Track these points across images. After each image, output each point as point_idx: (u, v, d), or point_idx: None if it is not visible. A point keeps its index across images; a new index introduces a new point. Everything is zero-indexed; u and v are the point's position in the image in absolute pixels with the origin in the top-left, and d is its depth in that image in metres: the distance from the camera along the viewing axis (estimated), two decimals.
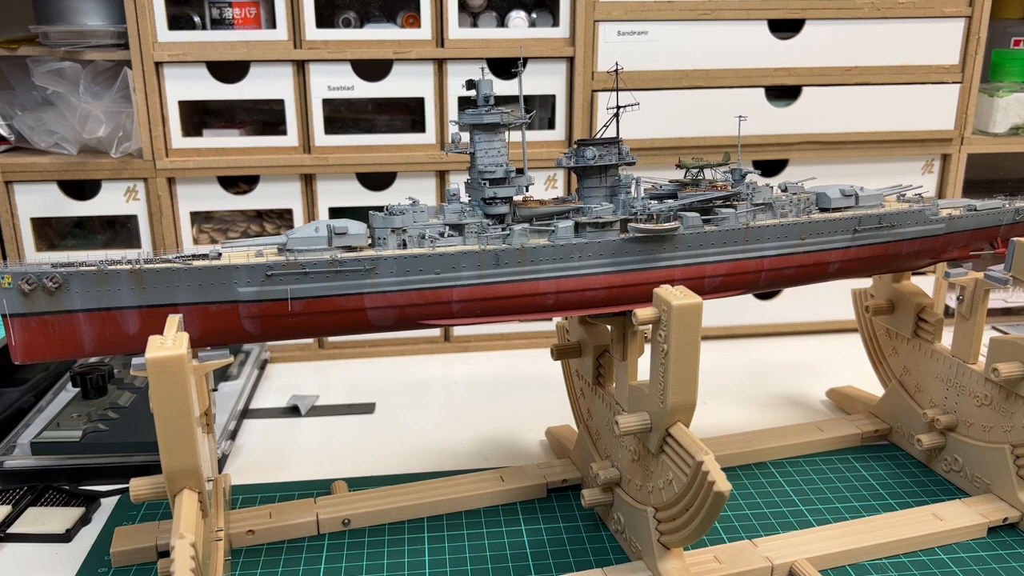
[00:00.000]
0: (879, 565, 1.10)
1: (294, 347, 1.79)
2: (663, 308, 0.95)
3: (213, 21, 1.64)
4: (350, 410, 1.57)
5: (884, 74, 1.77)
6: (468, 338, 1.84)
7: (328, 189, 1.71)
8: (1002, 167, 2.10)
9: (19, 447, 1.32)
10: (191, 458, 0.88)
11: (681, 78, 1.71)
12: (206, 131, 1.71)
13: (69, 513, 1.21)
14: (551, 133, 1.75)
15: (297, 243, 1.03)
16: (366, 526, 1.18)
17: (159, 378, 0.85)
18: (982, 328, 1.24)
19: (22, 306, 0.98)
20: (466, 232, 1.08)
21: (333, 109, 1.75)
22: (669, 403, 0.97)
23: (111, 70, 1.64)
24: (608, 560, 1.10)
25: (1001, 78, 1.89)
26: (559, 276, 1.09)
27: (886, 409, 1.42)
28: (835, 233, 1.20)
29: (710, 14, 1.68)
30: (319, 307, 1.04)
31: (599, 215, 1.10)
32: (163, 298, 1.00)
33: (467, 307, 1.08)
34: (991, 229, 1.32)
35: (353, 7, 1.72)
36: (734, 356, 1.81)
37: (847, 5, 1.71)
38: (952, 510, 1.18)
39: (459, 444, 1.44)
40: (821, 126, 1.78)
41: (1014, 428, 1.17)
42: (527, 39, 1.67)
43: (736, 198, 1.18)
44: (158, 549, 1.11)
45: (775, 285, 1.23)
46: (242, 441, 1.45)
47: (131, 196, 1.67)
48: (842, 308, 1.61)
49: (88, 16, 1.63)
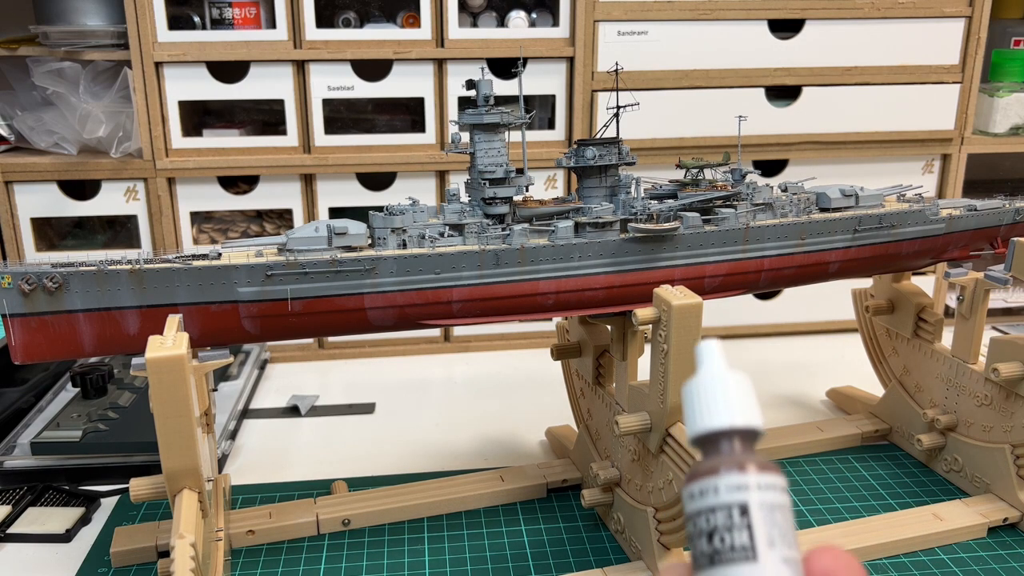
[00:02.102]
0: (879, 565, 1.10)
1: (294, 347, 1.79)
2: (663, 308, 0.95)
3: (213, 21, 1.64)
4: (350, 410, 1.57)
5: (884, 74, 1.77)
6: (468, 338, 1.83)
7: (328, 189, 1.71)
8: (1002, 167, 2.10)
9: (19, 447, 1.32)
10: (191, 458, 0.88)
11: (681, 78, 1.71)
12: (206, 131, 1.71)
13: (69, 513, 1.21)
14: (551, 133, 1.75)
15: (297, 243, 1.03)
16: (366, 526, 1.18)
17: (159, 378, 0.85)
18: (982, 328, 1.24)
19: (22, 306, 0.98)
20: (466, 232, 1.08)
21: (333, 109, 1.75)
22: (669, 403, 0.97)
23: (111, 70, 1.64)
24: (608, 560, 1.10)
25: (1001, 78, 1.89)
26: (559, 276, 1.09)
27: (886, 409, 1.42)
28: (835, 233, 1.20)
29: (710, 14, 1.68)
30: (319, 307, 1.04)
31: (599, 215, 1.10)
32: (163, 298, 1.00)
33: (467, 307, 1.08)
34: (991, 229, 1.32)
35: (353, 7, 1.72)
36: (734, 356, 1.79)
37: (847, 5, 1.71)
38: (952, 510, 1.18)
39: (459, 444, 1.44)
40: (821, 126, 1.78)
41: (1014, 428, 1.17)
42: (527, 39, 1.67)
43: (736, 198, 1.18)
44: (158, 549, 1.11)
45: (775, 285, 1.23)
46: (242, 441, 1.45)
47: (131, 196, 1.67)
48: (842, 308, 1.61)
49: (88, 16, 1.62)
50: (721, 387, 0.41)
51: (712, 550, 0.37)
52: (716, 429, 0.40)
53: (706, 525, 0.38)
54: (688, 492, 0.39)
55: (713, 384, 0.41)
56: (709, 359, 0.43)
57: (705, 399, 0.41)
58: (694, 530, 0.39)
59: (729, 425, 0.40)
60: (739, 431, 0.41)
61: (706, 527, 0.38)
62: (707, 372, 0.42)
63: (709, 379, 0.42)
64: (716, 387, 0.41)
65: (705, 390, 0.41)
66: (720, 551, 0.37)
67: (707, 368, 0.42)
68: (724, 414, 0.40)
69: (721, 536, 0.38)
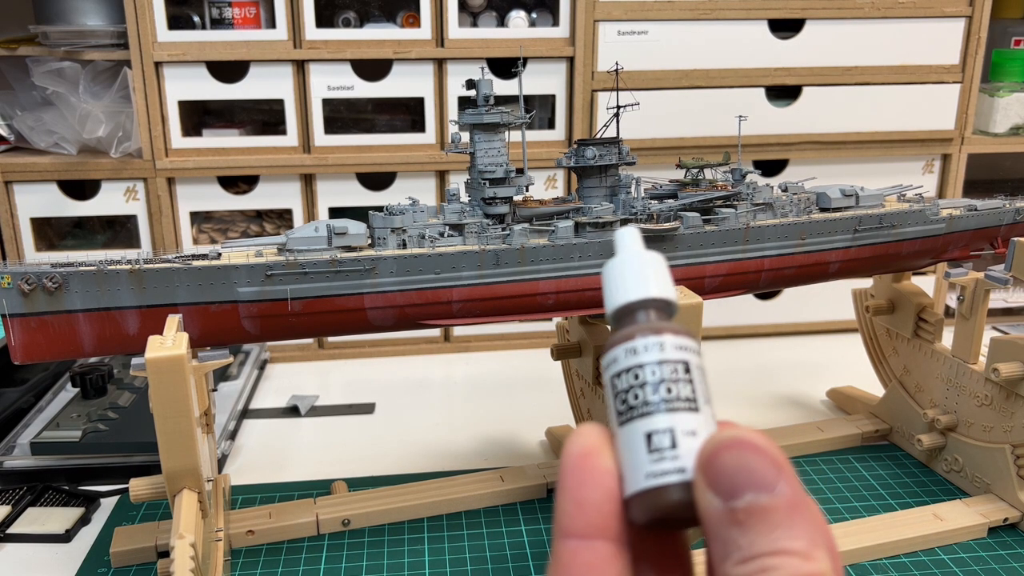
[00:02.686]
0: (879, 565, 1.10)
1: (294, 347, 1.79)
2: None
3: (213, 21, 1.64)
4: (350, 410, 1.57)
5: (884, 74, 1.76)
6: (468, 338, 1.83)
7: (328, 189, 1.71)
8: (1002, 167, 2.10)
9: (19, 447, 1.31)
10: (191, 458, 0.88)
11: (681, 78, 1.71)
12: (206, 131, 1.71)
13: (69, 513, 1.20)
14: (551, 133, 1.75)
15: (297, 243, 1.03)
16: (366, 526, 1.18)
17: (159, 378, 0.85)
18: (982, 328, 1.24)
19: (22, 306, 0.98)
20: (466, 232, 1.08)
21: (333, 109, 1.75)
22: None
23: (111, 70, 1.64)
24: None
25: (1001, 78, 1.89)
26: (559, 276, 1.09)
27: (886, 409, 1.42)
28: (835, 233, 1.20)
29: (710, 14, 1.68)
30: (319, 307, 1.03)
31: (599, 215, 1.10)
32: (163, 298, 1.00)
33: (467, 307, 1.08)
34: (991, 229, 1.32)
35: (353, 7, 1.72)
36: (734, 356, 1.81)
37: (847, 5, 1.71)
38: (952, 510, 1.18)
39: (459, 444, 1.44)
40: (821, 126, 1.78)
41: (1014, 428, 1.17)
42: (527, 39, 1.67)
43: (736, 198, 1.18)
44: (158, 549, 1.11)
45: (775, 285, 1.23)
46: (242, 441, 1.45)
47: (131, 196, 1.67)
48: (842, 308, 1.61)
49: (88, 16, 1.62)
50: (637, 264, 0.43)
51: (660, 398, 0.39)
52: (636, 300, 0.42)
53: (652, 377, 0.40)
54: (628, 348, 0.41)
55: (629, 262, 0.43)
56: (625, 243, 0.44)
57: (623, 276, 0.43)
58: (627, 385, 0.40)
59: (647, 295, 0.42)
60: (656, 301, 0.42)
61: (652, 379, 0.40)
62: (623, 253, 0.44)
63: (625, 258, 0.43)
64: (632, 264, 0.43)
65: (622, 268, 0.43)
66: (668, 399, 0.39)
67: (623, 250, 0.44)
68: (642, 287, 0.42)
69: (668, 387, 0.39)
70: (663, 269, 0.43)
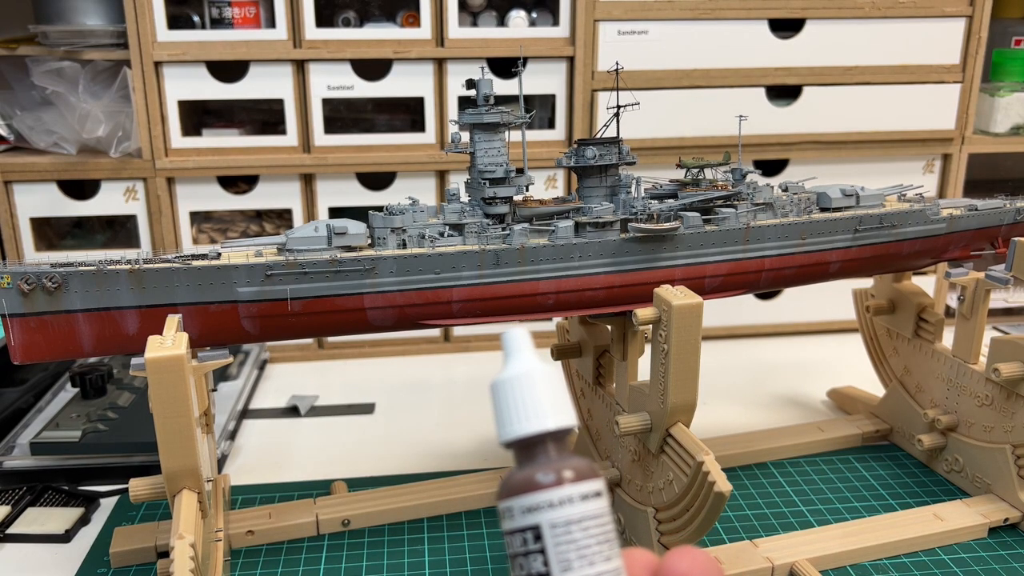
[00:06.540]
0: (880, 565, 1.10)
1: (294, 347, 1.79)
2: (663, 308, 0.95)
3: (213, 21, 1.63)
4: (350, 410, 1.57)
5: (885, 74, 1.76)
6: (468, 338, 1.83)
7: (328, 189, 1.71)
8: (1003, 167, 2.10)
9: (18, 447, 1.31)
10: (190, 458, 0.88)
11: (681, 78, 1.71)
12: (205, 131, 1.71)
13: (68, 513, 1.20)
14: (551, 133, 1.75)
15: (297, 243, 1.03)
16: (366, 526, 1.18)
17: (159, 378, 0.85)
18: (983, 328, 1.24)
19: (21, 306, 0.98)
20: (466, 232, 1.08)
21: (333, 109, 1.75)
22: (669, 403, 0.97)
23: (110, 70, 1.64)
24: None
25: (1002, 78, 1.89)
26: (559, 276, 1.09)
27: (887, 409, 1.42)
28: (836, 233, 1.20)
29: (710, 14, 1.68)
30: (319, 307, 1.03)
31: (599, 215, 1.10)
32: (162, 298, 1.00)
33: (467, 307, 1.08)
34: (992, 229, 1.32)
35: (353, 7, 1.72)
36: (734, 356, 1.80)
37: (847, 5, 1.71)
38: (953, 510, 1.18)
39: (459, 444, 1.43)
40: (822, 126, 1.78)
41: (1015, 428, 1.17)
42: (527, 39, 1.67)
43: (737, 198, 1.18)
44: (157, 549, 1.10)
45: (776, 285, 1.23)
46: (242, 441, 1.45)
47: (130, 196, 1.67)
48: (842, 308, 1.61)
49: (87, 16, 1.62)
50: (528, 386, 0.39)
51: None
52: (526, 435, 0.39)
53: (512, 550, 0.37)
54: (499, 512, 0.38)
55: (522, 382, 0.39)
56: (514, 353, 0.40)
57: (516, 400, 0.39)
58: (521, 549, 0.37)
59: (544, 428, 0.38)
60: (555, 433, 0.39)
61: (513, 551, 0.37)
62: (513, 369, 0.40)
63: (515, 377, 0.39)
64: (523, 386, 0.39)
65: (516, 390, 0.39)
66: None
67: (513, 364, 0.40)
68: (539, 416, 0.38)
69: (520, 563, 0.36)
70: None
